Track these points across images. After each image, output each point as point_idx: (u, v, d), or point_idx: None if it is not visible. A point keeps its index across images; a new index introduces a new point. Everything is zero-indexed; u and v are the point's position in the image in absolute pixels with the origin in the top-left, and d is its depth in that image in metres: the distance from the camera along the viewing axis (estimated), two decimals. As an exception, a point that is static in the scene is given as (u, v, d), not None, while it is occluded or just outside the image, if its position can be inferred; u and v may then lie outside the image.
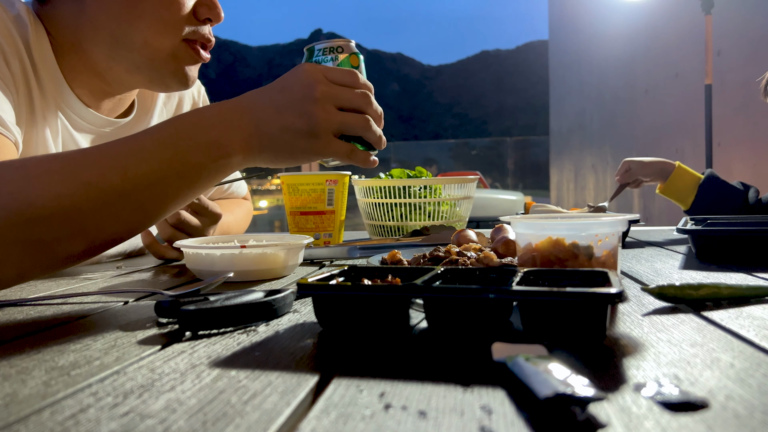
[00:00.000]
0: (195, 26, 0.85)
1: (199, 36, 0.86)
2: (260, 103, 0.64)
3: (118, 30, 0.82)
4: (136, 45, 0.83)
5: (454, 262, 0.64)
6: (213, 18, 0.87)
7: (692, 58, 3.80)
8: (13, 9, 0.81)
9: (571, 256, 0.53)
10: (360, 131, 0.66)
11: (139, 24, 0.82)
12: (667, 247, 1.01)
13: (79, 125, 0.90)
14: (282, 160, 0.66)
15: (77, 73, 0.87)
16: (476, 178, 1.31)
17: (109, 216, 0.59)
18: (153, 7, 0.81)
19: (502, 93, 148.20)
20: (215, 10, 0.86)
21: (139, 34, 0.82)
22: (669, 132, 4.42)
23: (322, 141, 0.65)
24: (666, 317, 0.47)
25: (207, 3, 0.86)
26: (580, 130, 8.16)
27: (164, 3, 0.82)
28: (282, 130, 0.63)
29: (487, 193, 8.14)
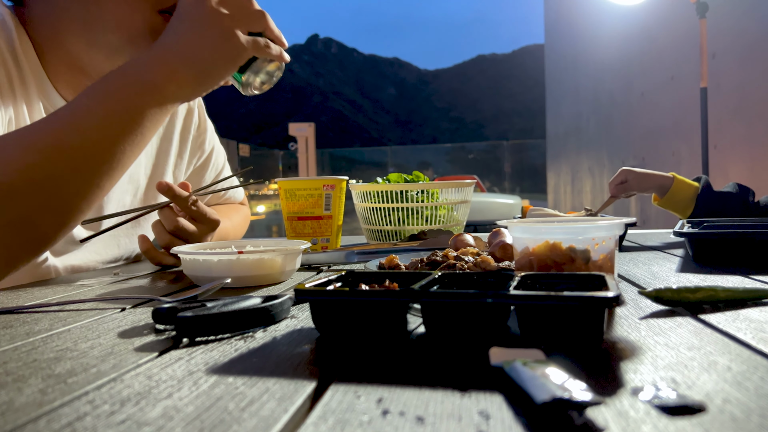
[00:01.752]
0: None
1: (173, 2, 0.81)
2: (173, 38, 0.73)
3: (88, 15, 0.81)
4: (109, 26, 0.81)
5: (452, 267, 0.64)
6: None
7: (687, 61, 3.82)
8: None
9: (568, 260, 0.53)
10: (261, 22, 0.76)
11: (107, 3, 0.79)
12: (664, 250, 1.01)
13: None
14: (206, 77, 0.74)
15: (60, 72, 0.86)
16: (473, 182, 1.31)
17: (78, 176, 0.64)
18: None
19: (499, 97, 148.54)
20: None
21: (109, 13, 0.80)
22: (665, 135, 4.43)
23: (232, 42, 0.73)
24: (663, 320, 0.47)
25: None
26: (576, 133, 8.18)
27: None
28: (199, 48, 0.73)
29: (484, 197, 8.14)
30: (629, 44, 5.37)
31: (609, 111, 6.29)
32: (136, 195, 1.05)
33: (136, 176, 1.04)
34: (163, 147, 1.09)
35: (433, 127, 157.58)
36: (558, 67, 9.57)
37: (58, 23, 0.82)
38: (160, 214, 0.90)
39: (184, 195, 0.88)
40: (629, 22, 5.26)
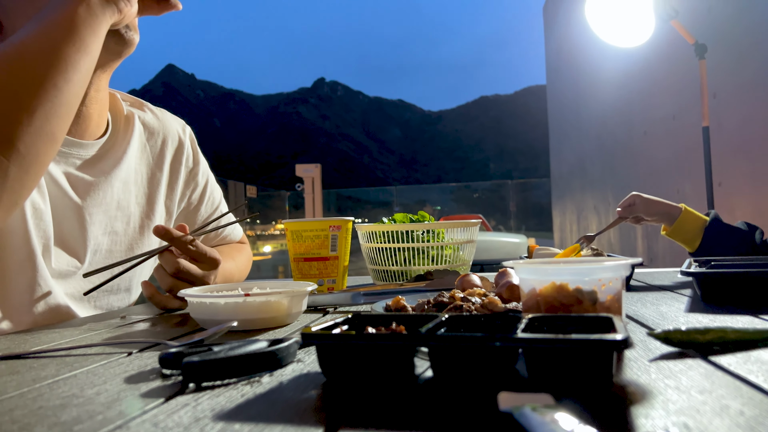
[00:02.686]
0: None
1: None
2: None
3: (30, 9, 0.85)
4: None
5: (459, 308, 0.64)
6: None
7: (688, 101, 3.86)
8: None
9: (575, 301, 0.53)
10: None
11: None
12: (672, 289, 1.00)
13: None
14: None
15: None
16: (479, 222, 1.32)
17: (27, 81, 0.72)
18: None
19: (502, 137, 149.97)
20: None
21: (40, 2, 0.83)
22: (669, 173, 4.45)
23: None
24: (673, 363, 0.47)
25: None
26: (580, 172, 8.22)
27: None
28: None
29: (490, 236, 8.13)
30: (630, 84, 5.45)
31: (612, 150, 6.33)
32: (129, 223, 1.05)
33: (126, 203, 1.04)
34: (154, 177, 1.11)
35: (438, 166, 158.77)
36: (560, 107, 9.69)
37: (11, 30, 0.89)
38: (160, 258, 0.91)
39: (181, 237, 0.89)
40: (629, 63, 5.34)
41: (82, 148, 0.97)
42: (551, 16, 10.13)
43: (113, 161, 1.02)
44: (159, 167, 1.12)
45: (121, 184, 1.03)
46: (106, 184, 1.00)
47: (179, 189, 1.16)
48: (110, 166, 1.01)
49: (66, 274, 0.94)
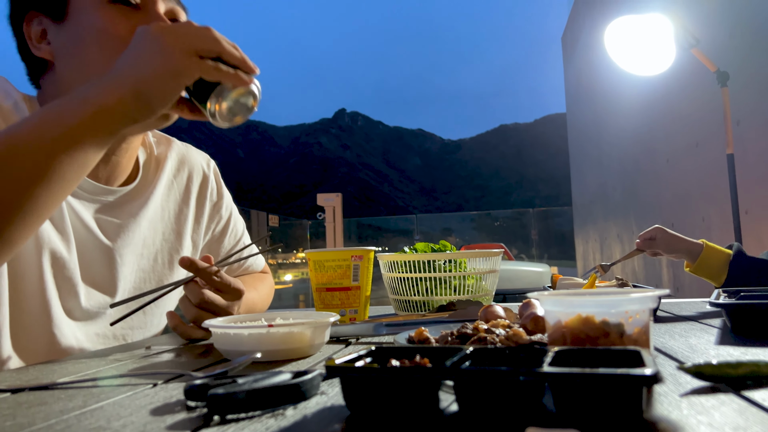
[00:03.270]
0: None
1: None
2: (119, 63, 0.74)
3: (79, 76, 0.87)
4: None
5: (483, 340, 0.64)
6: None
7: (712, 128, 3.82)
8: (9, 99, 0.86)
9: (601, 333, 0.52)
10: (212, 44, 0.72)
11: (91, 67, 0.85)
12: (700, 320, 0.98)
13: (75, 192, 0.93)
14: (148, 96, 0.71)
15: None
16: (501, 251, 1.31)
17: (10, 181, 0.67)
18: (93, 42, 0.85)
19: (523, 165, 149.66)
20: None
21: (92, 71, 0.85)
22: (694, 201, 4.38)
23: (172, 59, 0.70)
24: (705, 398, 0.46)
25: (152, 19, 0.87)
26: (602, 200, 8.14)
27: (102, 37, 0.84)
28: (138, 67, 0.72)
29: (512, 265, 8.06)
30: (651, 112, 5.42)
31: (634, 177, 6.27)
32: (156, 260, 1.07)
33: (152, 240, 1.06)
34: (181, 213, 1.12)
35: (458, 194, 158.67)
36: (581, 135, 9.66)
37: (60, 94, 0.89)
38: (185, 288, 0.92)
39: (207, 267, 0.90)
40: (650, 91, 5.32)
41: (111, 194, 0.99)
42: (570, 45, 10.18)
43: (141, 202, 1.04)
44: (186, 203, 1.14)
45: (148, 223, 1.05)
46: (135, 225, 1.02)
47: (204, 222, 1.18)
48: (138, 207, 1.03)
49: (96, 314, 0.97)
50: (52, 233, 0.90)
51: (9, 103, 0.86)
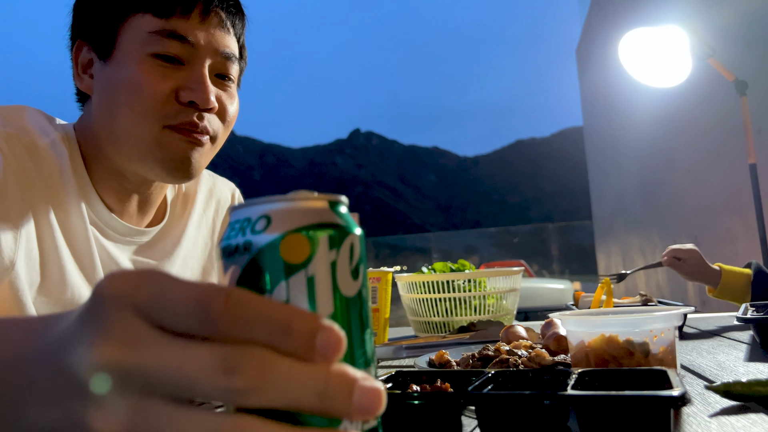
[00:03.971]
0: (177, 110, 0.82)
1: (182, 121, 0.82)
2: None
3: (108, 123, 0.85)
4: (121, 135, 0.84)
5: (505, 362, 0.63)
6: (198, 102, 0.82)
7: (732, 138, 3.77)
8: (47, 137, 0.85)
9: (626, 353, 0.51)
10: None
11: (119, 113, 0.83)
12: (728, 336, 0.96)
13: (108, 234, 0.91)
14: None
15: (104, 177, 0.90)
16: (521, 270, 1.30)
17: None
18: (126, 94, 0.82)
19: (540, 179, 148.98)
20: (199, 94, 0.82)
21: (119, 123, 0.83)
22: (717, 212, 4.31)
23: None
24: (735, 418, 0.45)
25: (191, 86, 0.82)
26: (623, 213, 8.05)
27: (134, 89, 0.81)
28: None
29: (533, 283, 7.98)
30: (670, 123, 5.37)
31: (654, 189, 6.20)
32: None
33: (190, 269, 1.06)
34: (208, 247, 1.12)
35: (475, 211, 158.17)
36: (598, 148, 9.60)
37: (96, 131, 0.88)
38: None
39: None
40: (668, 102, 5.28)
41: (145, 235, 0.97)
42: (584, 58, 10.17)
43: (174, 240, 1.03)
44: (212, 237, 1.13)
45: (182, 261, 1.04)
46: (170, 265, 1.01)
47: None
48: (172, 246, 1.02)
49: None
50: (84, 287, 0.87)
51: (46, 142, 0.85)
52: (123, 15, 0.84)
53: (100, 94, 0.87)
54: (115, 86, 0.84)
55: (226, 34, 0.88)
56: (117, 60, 0.85)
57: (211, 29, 0.85)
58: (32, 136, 0.84)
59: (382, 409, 0.27)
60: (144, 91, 0.82)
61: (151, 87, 0.82)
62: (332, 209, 0.34)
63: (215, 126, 0.87)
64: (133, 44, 0.83)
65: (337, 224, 0.33)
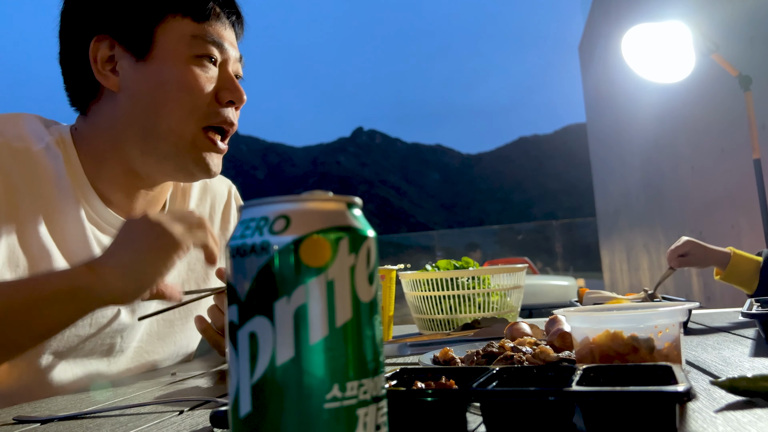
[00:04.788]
0: (217, 110, 0.89)
1: (222, 119, 0.90)
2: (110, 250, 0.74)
3: (147, 120, 0.87)
4: (162, 133, 0.87)
5: (509, 359, 0.63)
6: (235, 100, 0.91)
7: (736, 134, 3.76)
8: (41, 143, 0.86)
9: (630, 349, 0.51)
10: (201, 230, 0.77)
11: (164, 111, 0.86)
12: (733, 331, 0.96)
13: (108, 230, 0.92)
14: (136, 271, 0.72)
15: (118, 176, 0.92)
16: (525, 267, 1.30)
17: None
18: (175, 94, 0.86)
19: (544, 177, 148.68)
20: (237, 93, 0.90)
21: (164, 121, 0.87)
22: (722, 207, 4.30)
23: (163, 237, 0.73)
24: (741, 413, 0.44)
25: (228, 87, 0.90)
26: (627, 209, 8.03)
27: (185, 89, 0.86)
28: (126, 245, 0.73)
29: (537, 280, 7.97)
30: (673, 119, 5.35)
31: (659, 186, 6.19)
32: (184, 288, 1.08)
33: (177, 271, 1.06)
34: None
35: (479, 209, 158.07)
36: (602, 145, 9.57)
37: (118, 127, 0.90)
38: (215, 299, 0.93)
39: None
40: (671, 97, 5.27)
41: None
42: (587, 54, 10.14)
43: None
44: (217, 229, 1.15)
45: None
46: None
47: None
48: None
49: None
50: None
51: (41, 147, 0.86)
52: (160, 15, 0.88)
53: (136, 91, 0.88)
54: (161, 83, 0.87)
55: (236, 37, 0.96)
56: (158, 59, 0.88)
57: (231, 33, 0.93)
58: (26, 142, 0.86)
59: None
60: (194, 91, 0.87)
61: (200, 87, 0.87)
62: (350, 212, 0.34)
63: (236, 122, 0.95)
64: (177, 45, 0.87)
65: (356, 228, 0.33)
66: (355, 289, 0.32)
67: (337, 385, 0.30)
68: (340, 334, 0.31)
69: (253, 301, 0.31)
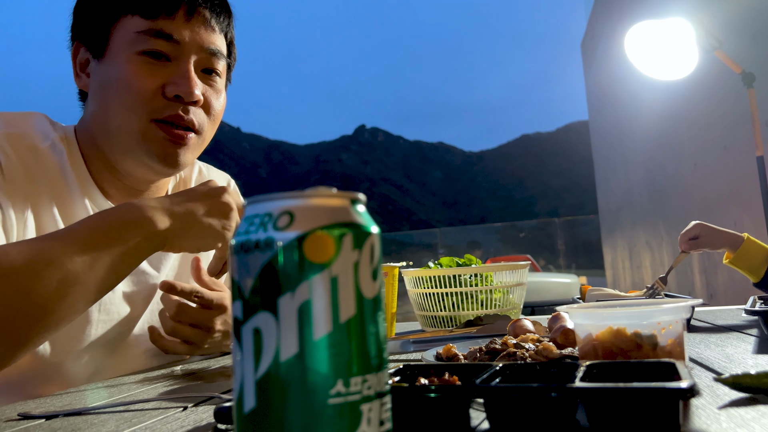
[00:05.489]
0: (164, 106, 0.87)
1: (168, 114, 0.87)
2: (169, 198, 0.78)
3: (101, 118, 0.89)
4: (114, 131, 0.88)
5: (512, 355, 0.63)
6: (183, 95, 0.87)
7: (739, 131, 3.75)
8: (46, 140, 0.88)
9: (634, 346, 0.51)
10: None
11: (111, 108, 0.87)
12: (736, 329, 0.95)
13: None
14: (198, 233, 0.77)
15: (105, 174, 0.94)
16: (528, 264, 1.30)
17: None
18: (117, 90, 0.86)
19: (546, 174, 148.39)
20: (184, 88, 0.86)
21: (112, 118, 0.88)
22: (724, 205, 4.29)
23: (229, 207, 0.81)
24: (744, 410, 0.44)
25: (176, 81, 0.87)
26: (629, 207, 8.02)
27: (124, 86, 0.86)
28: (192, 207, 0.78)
29: (539, 277, 7.95)
30: (676, 116, 5.34)
31: (661, 183, 6.18)
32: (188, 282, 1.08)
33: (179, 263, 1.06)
34: None
35: (481, 206, 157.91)
36: (604, 142, 9.56)
37: (92, 131, 0.92)
38: (162, 301, 0.90)
39: (186, 289, 0.88)
40: (674, 94, 5.25)
41: None
42: (590, 51, 10.12)
43: None
44: None
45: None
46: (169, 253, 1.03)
47: None
48: None
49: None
50: None
51: (46, 145, 0.87)
52: (115, 16, 0.88)
53: (94, 91, 0.91)
54: (107, 83, 0.88)
55: (211, 32, 0.92)
56: (109, 59, 0.89)
57: (195, 27, 0.89)
58: (34, 139, 0.88)
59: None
60: (133, 87, 0.86)
61: (139, 83, 0.86)
62: (353, 208, 0.34)
63: (200, 119, 0.91)
64: (123, 43, 0.87)
65: (359, 224, 0.33)
66: (358, 285, 0.32)
67: (341, 380, 0.31)
68: (343, 329, 0.31)
69: (257, 297, 0.31)
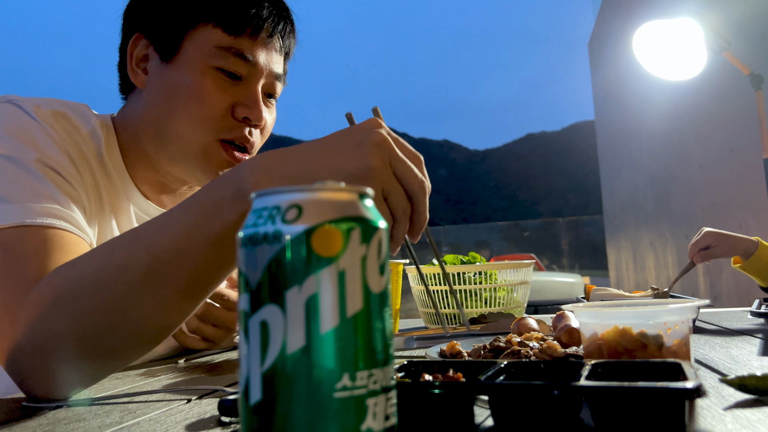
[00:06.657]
0: (231, 126, 0.85)
1: (235, 136, 0.86)
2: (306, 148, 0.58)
3: (159, 122, 0.87)
4: (171, 137, 0.86)
5: (516, 353, 0.63)
6: (252, 118, 0.86)
7: (746, 133, 3.73)
8: (88, 125, 0.87)
9: (639, 346, 0.51)
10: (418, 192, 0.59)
11: (174, 117, 0.85)
12: (741, 331, 0.95)
13: (144, 219, 0.93)
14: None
15: (140, 168, 0.92)
16: (532, 263, 1.29)
17: (145, 297, 0.58)
18: (186, 101, 0.84)
19: (551, 174, 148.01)
20: (254, 112, 0.85)
21: (173, 126, 0.85)
22: (730, 207, 4.27)
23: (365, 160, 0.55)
24: (750, 411, 0.44)
25: (246, 103, 0.85)
26: (634, 208, 8.00)
27: (195, 99, 0.83)
28: (326, 171, 0.55)
29: (544, 276, 7.95)
30: (683, 117, 5.32)
31: (666, 184, 6.16)
32: None
33: None
34: None
35: (485, 205, 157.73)
36: (610, 143, 9.53)
37: (139, 124, 0.90)
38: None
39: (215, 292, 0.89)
40: (681, 95, 5.23)
41: None
42: (597, 51, 10.08)
43: None
44: None
45: None
46: None
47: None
48: None
49: None
50: None
51: (87, 129, 0.86)
52: (193, 22, 0.86)
53: (155, 92, 0.88)
54: (174, 89, 0.86)
55: (280, 57, 0.91)
56: (179, 64, 0.86)
57: (270, 50, 0.88)
58: (75, 123, 0.86)
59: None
60: (205, 102, 0.84)
61: (212, 99, 0.84)
62: (362, 202, 0.34)
63: (257, 141, 0.91)
64: (199, 54, 0.85)
65: (367, 218, 0.33)
66: (366, 280, 0.32)
67: (347, 374, 0.31)
68: (350, 324, 0.31)
69: (265, 290, 0.31)
